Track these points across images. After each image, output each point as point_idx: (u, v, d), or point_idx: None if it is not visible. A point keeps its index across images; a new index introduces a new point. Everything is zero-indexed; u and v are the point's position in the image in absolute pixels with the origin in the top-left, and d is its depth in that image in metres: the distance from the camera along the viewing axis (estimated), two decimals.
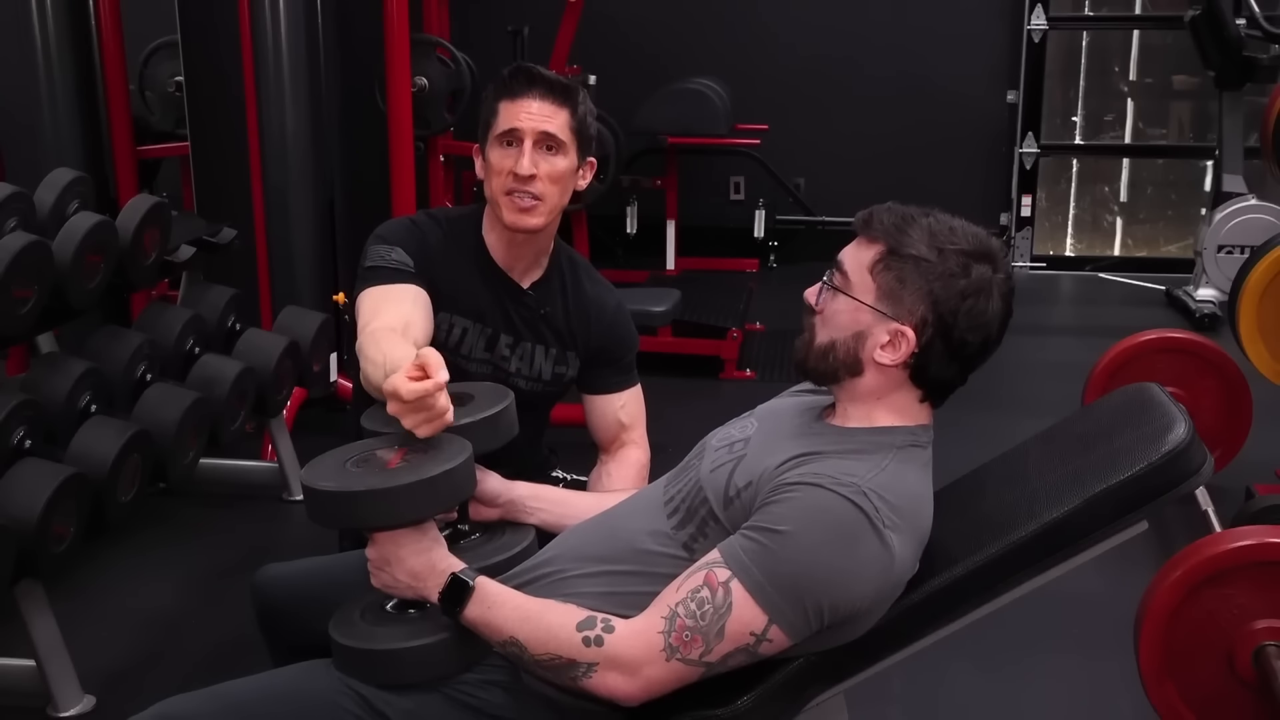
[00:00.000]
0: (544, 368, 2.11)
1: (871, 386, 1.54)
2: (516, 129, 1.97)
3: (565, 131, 1.99)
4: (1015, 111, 6.24)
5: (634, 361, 2.20)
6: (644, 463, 2.14)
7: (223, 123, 3.89)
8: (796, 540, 1.40)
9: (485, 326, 2.06)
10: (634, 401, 2.17)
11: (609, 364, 2.15)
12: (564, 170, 2.01)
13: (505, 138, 1.99)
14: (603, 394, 2.15)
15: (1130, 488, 1.44)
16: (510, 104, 1.99)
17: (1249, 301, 3.30)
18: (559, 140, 1.99)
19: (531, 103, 1.98)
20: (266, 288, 3.87)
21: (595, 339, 2.14)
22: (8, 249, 2.53)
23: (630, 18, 6.14)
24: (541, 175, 1.98)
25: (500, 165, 1.99)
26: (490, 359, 2.07)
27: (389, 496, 1.46)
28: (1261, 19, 4.93)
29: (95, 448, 2.55)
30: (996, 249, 1.52)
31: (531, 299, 2.09)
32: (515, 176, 1.97)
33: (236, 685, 1.55)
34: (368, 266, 1.99)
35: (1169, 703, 2.04)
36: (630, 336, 2.20)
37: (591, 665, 1.44)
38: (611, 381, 2.15)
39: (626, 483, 2.06)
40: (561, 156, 2.00)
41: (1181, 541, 2.22)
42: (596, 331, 2.14)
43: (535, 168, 1.97)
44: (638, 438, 2.16)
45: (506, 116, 1.98)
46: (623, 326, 2.18)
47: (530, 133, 1.97)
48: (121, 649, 2.82)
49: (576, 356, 2.14)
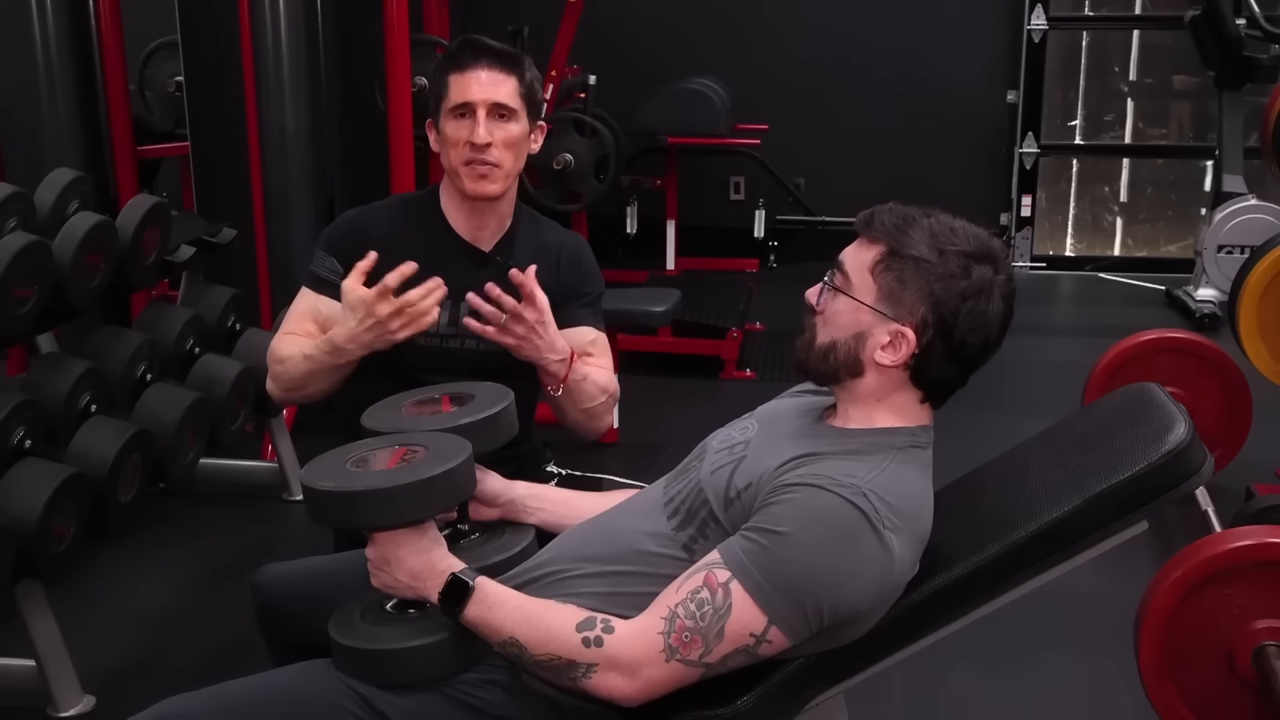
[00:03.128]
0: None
1: (872, 387, 1.54)
2: (469, 101, 2.05)
3: (515, 99, 2.07)
4: (1015, 111, 6.24)
5: (600, 307, 2.22)
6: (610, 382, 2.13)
7: (223, 123, 3.89)
8: (796, 541, 1.40)
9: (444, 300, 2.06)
10: (602, 341, 2.20)
11: (576, 299, 2.17)
12: (518, 136, 2.08)
13: (458, 110, 2.06)
14: (570, 326, 2.14)
15: (1130, 488, 1.44)
16: (460, 76, 2.06)
17: (1249, 301, 3.30)
18: (510, 108, 2.06)
19: (480, 73, 2.05)
20: (266, 288, 3.87)
21: (563, 280, 2.16)
22: (8, 249, 2.53)
23: (630, 18, 6.14)
24: (497, 143, 2.05)
25: (456, 137, 2.06)
26: (456, 331, 2.09)
27: (389, 496, 1.46)
28: (1261, 19, 4.93)
29: (95, 448, 2.55)
30: (997, 250, 1.52)
31: (496, 260, 2.12)
32: (472, 146, 2.05)
33: (236, 685, 1.55)
34: (310, 269, 2.13)
35: (1169, 703, 2.04)
36: (596, 274, 2.23)
37: (591, 666, 1.44)
38: (579, 314, 2.17)
39: (595, 375, 2.09)
40: (514, 123, 2.07)
41: (1181, 541, 2.22)
42: (563, 273, 2.17)
43: (490, 136, 2.04)
44: (606, 365, 2.17)
45: (458, 89, 2.05)
46: (587, 264, 2.22)
47: (482, 103, 2.04)
48: (121, 649, 2.82)
49: None
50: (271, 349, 2.09)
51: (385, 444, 1.58)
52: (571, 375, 2.04)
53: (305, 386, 2.06)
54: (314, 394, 2.09)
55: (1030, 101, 6.22)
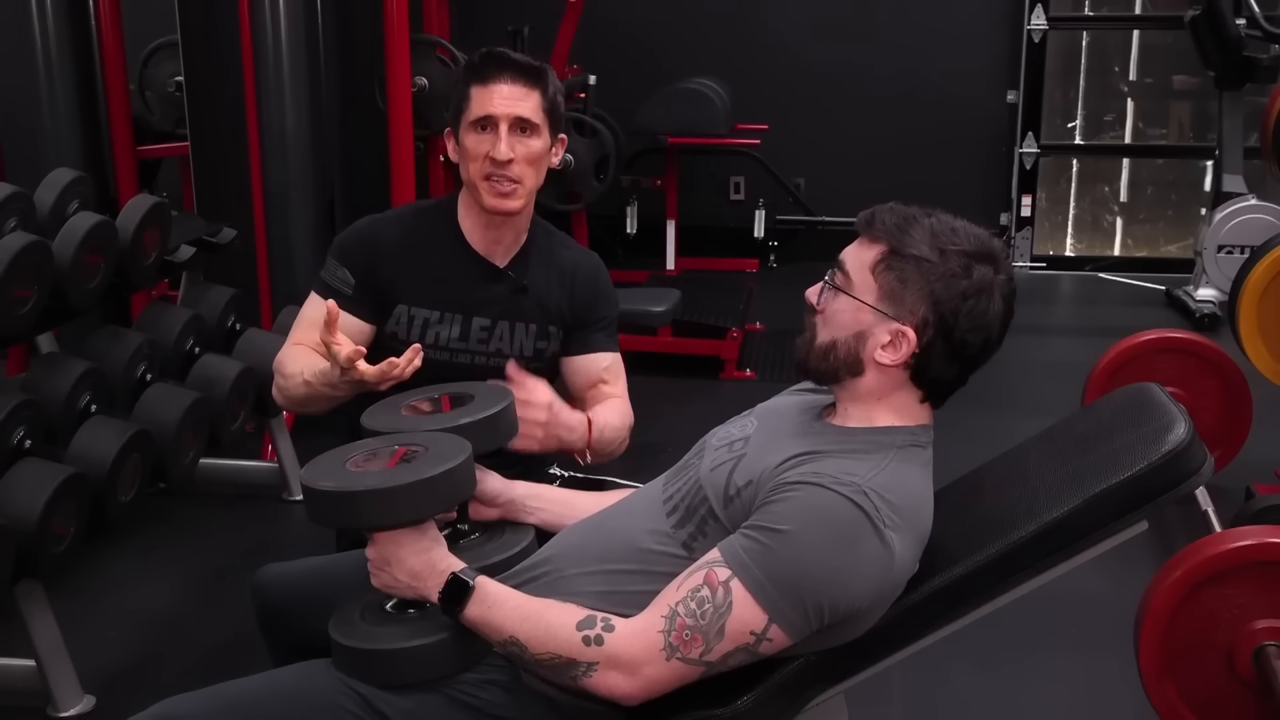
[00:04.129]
0: (525, 344, 2.11)
1: (872, 386, 1.54)
2: (491, 114, 2.01)
3: (538, 113, 2.03)
4: (1015, 111, 6.24)
5: (615, 328, 2.21)
6: (627, 413, 2.12)
7: (223, 123, 3.89)
8: (797, 539, 1.40)
9: (455, 314, 2.07)
10: (616, 365, 2.18)
11: (591, 324, 2.16)
12: (539, 151, 2.05)
13: (480, 123, 2.02)
14: (585, 353, 2.14)
15: (1130, 488, 1.44)
16: (482, 89, 2.02)
17: (1249, 301, 3.30)
18: (532, 123, 2.03)
19: (503, 86, 2.01)
20: (266, 288, 3.87)
21: (577, 302, 2.14)
22: (8, 249, 2.53)
23: (630, 18, 6.15)
24: (518, 158, 2.02)
25: (476, 150, 2.02)
26: (466, 346, 2.08)
27: (389, 496, 1.46)
28: (1261, 19, 4.93)
29: (95, 448, 2.55)
30: (998, 250, 1.52)
31: (510, 277, 2.10)
32: (493, 161, 2.01)
33: (236, 685, 1.55)
34: (320, 275, 2.10)
35: (1169, 703, 2.04)
36: (611, 296, 2.20)
37: (591, 664, 1.44)
38: (593, 340, 2.16)
39: (610, 418, 2.06)
40: (536, 138, 2.04)
41: (1181, 541, 2.22)
42: (578, 294, 2.15)
43: (512, 151, 2.01)
44: (620, 391, 2.16)
45: (480, 102, 2.02)
46: (603, 286, 2.19)
47: (505, 117, 2.01)
48: (121, 649, 2.82)
49: (559, 329, 2.14)
50: (278, 360, 2.06)
51: (385, 444, 1.58)
52: (595, 439, 1.99)
53: (306, 406, 2.05)
54: (316, 412, 2.07)
55: (1030, 101, 6.22)
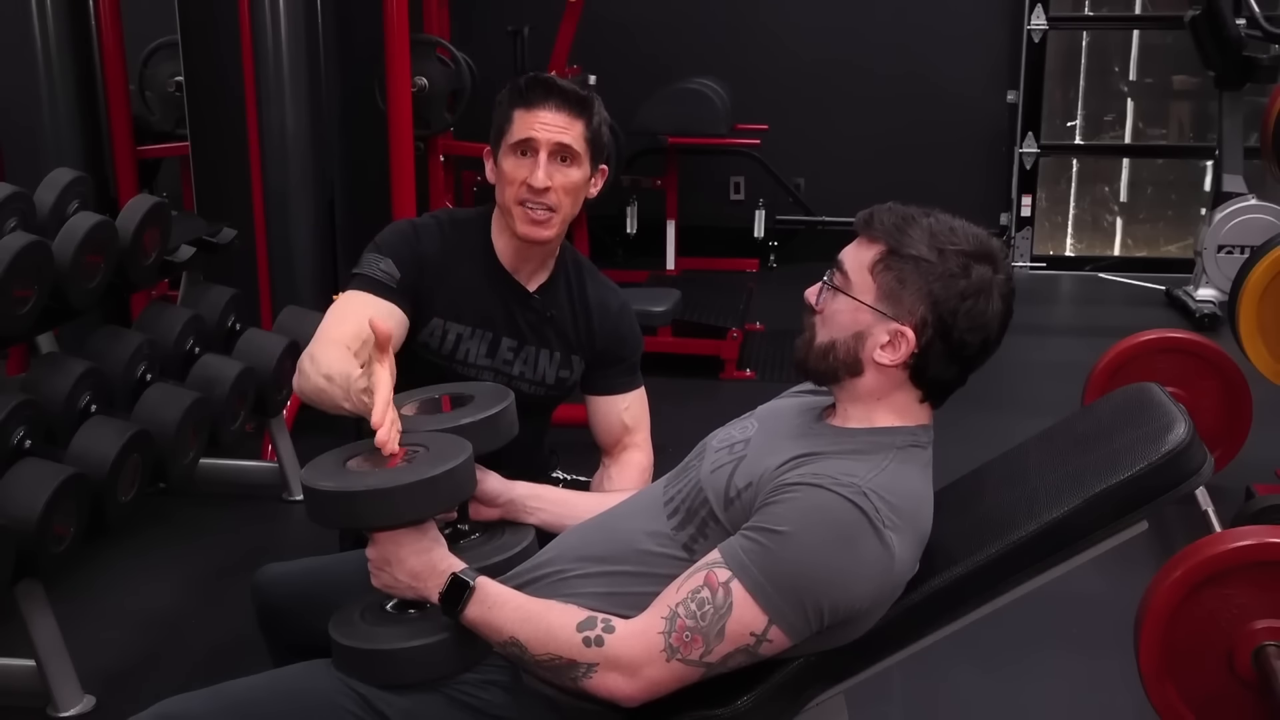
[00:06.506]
0: (548, 372, 2.10)
1: (871, 387, 1.54)
2: (532, 139, 1.96)
3: (580, 143, 1.98)
4: (1015, 111, 6.25)
5: (638, 363, 2.19)
6: (647, 466, 2.13)
7: (223, 123, 3.89)
8: (797, 540, 1.40)
9: (486, 331, 2.06)
10: (638, 403, 2.16)
11: (613, 364, 2.15)
12: (578, 181, 2.00)
13: (520, 147, 1.97)
14: (606, 395, 2.13)
15: (1130, 488, 1.44)
16: (525, 113, 1.97)
17: (1249, 301, 3.30)
18: (574, 151, 1.98)
19: (547, 113, 1.96)
20: (266, 288, 3.87)
21: (600, 340, 2.13)
22: (8, 249, 2.53)
23: (630, 18, 6.14)
24: (556, 187, 1.97)
25: (514, 175, 1.98)
26: (492, 364, 2.07)
27: (389, 496, 1.46)
28: (1261, 19, 4.93)
29: (95, 448, 2.55)
30: (997, 250, 1.52)
31: (538, 302, 2.08)
32: (529, 188, 1.96)
33: (237, 685, 1.55)
34: (355, 272, 2.00)
35: (1169, 703, 2.04)
36: (634, 337, 2.19)
37: (592, 666, 1.44)
38: (615, 383, 2.14)
39: (629, 485, 2.05)
40: (575, 168, 1.99)
41: (1181, 541, 2.22)
42: (601, 333, 2.13)
43: (550, 179, 1.96)
44: (641, 440, 2.15)
45: (521, 125, 1.97)
46: (627, 327, 2.17)
47: (546, 144, 1.96)
48: (121, 649, 2.82)
49: (581, 360, 2.13)
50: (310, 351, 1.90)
51: None
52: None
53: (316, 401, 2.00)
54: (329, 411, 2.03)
55: (1030, 101, 6.22)
